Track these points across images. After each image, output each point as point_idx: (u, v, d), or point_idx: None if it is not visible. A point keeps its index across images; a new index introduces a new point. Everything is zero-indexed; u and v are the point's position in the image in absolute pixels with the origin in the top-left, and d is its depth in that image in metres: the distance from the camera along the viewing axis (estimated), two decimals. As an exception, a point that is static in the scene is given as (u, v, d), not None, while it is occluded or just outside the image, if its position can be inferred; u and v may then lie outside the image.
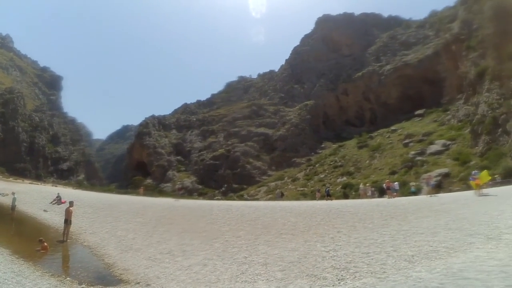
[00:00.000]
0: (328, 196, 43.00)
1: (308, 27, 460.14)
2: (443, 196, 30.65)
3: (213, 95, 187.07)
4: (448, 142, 75.94)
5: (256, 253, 13.54)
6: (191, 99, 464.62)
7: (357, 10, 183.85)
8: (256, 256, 13.06)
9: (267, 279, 10.46)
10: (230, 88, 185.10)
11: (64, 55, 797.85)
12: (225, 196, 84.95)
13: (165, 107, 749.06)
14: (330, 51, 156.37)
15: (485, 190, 23.99)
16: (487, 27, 70.50)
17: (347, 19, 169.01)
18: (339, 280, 9.87)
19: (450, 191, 44.94)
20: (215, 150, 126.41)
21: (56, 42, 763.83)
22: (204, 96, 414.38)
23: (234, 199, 58.22)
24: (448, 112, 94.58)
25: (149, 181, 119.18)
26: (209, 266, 12.40)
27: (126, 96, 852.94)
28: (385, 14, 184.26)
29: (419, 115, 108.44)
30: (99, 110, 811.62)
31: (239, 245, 15.40)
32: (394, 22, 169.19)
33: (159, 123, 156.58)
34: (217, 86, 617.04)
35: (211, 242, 16.39)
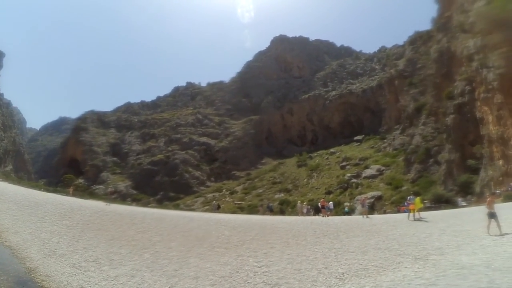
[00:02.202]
0: (270, 211, 43.64)
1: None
2: (375, 217, 31.88)
3: (158, 98, 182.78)
4: (383, 168, 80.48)
5: (187, 266, 13.15)
6: (135, 99, 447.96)
7: (314, 36, 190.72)
8: (187, 269, 12.67)
9: (197, 293, 10.20)
10: (177, 92, 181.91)
11: (9, 32, 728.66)
12: (160, 204, 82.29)
13: (107, 103, 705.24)
14: (281, 71, 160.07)
15: (420, 214, 25.22)
16: (430, 67, 76.06)
17: (302, 42, 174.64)
18: (270, 295, 9.85)
19: (384, 212, 47.43)
20: (154, 155, 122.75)
21: (4, 16, 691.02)
22: (149, 97, 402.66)
23: (169, 208, 56.62)
24: (385, 140, 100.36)
25: (81, 180, 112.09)
26: (137, 278, 11.82)
27: (68, 85, 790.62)
28: (338, 43, 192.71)
29: (357, 141, 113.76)
30: (37, 96, 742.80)
31: (170, 256, 14.88)
32: (345, 52, 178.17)
33: (99, 119, 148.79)
34: (164, 89, 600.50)
35: (141, 252, 15.70)
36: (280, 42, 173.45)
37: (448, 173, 55.89)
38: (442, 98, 64.44)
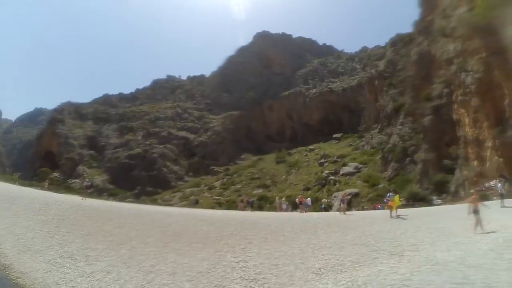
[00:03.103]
0: (251, 206, 43.76)
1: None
2: (353, 213, 32.33)
3: (137, 90, 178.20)
4: (360, 166, 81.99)
5: (164, 262, 12.96)
6: (113, 90, 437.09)
7: (297, 33, 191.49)
8: (164, 265, 12.49)
9: (174, 289, 10.06)
10: (157, 85, 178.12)
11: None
12: (138, 199, 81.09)
13: (85, 95, 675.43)
14: (263, 67, 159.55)
15: (399, 212, 25.61)
16: (409, 69, 77.65)
17: (284, 39, 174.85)
18: (247, 291, 9.81)
19: (363, 208, 48.28)
20: (132, 148, 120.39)
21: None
22: (128, 89, 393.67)
23: (146, 203, 55.94)
24: (363, 139, 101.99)
25: (56, 174, 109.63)
26: (113, 274, 11.58)
27: (45, 75, 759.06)
28: (321, 42, 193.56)
29: (336, 138, 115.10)
30: (12, 86, 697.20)
31: (147, 252, 14.63)
32: (327, 51, 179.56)
33: (76, 111, 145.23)
34: (143, 82, 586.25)
35: (117, 248, 15.38)
36: (263, 38, 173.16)
37: (424, 172, 57.27)
38: (420, 99, 65.89)
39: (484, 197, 34.00)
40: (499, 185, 29.49)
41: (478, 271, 9.59)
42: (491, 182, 36.75)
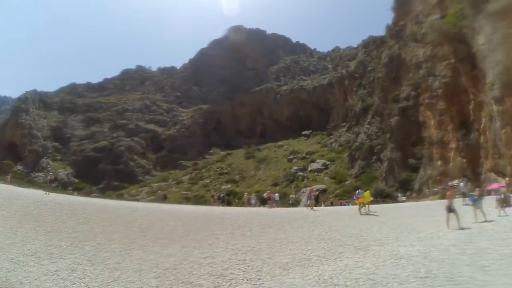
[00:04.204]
0: (222, 202, 43.58)
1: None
2: (320, 209, 32.78)
3: (106, 80, 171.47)
4: (328, 162, 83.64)
5: (130, 259, 12.59)
6: (81, 79, 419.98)
7: (270, 29, 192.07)
8: (130, 262, 12.14)
9: (141, 286, 9.79)
10: (126, 76, 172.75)
11: None
12: (103, 193, 78.98)
13: (51, 83, 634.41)
14: (235, 61, 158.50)
15: (368, 208, 26.08)
16: (379, 71, 79.70)
17: (258, 34, 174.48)
18: (215, 287, 9.76)
19: (331, 204, 49.14)
20: (98, 141, 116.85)
21: None
22: (96, 78, 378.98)
23: (112, 198, 54.68)
24: (331, 136, 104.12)
25: (19, 167, 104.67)
26: (78, 272, 11.15)
27: (10, 61, 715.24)
28: (294, 39, 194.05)
29: (305, 135, 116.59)
30: None
31: (112, 249, 14.17)
32: (300, 49, 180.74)
33: (41, 100, 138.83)
34: (112, 71, 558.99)
35: (82, 245, 14.85)
36: (237, 32, 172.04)
37: (389, 170, 59.12)
38: (388, 100, 67.99)
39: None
40: (461, 184, 30.61)
41: (441, 266, 9.87)
42: (454, 181, 38.23)
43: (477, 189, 17.30)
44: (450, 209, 16.72)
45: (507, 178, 30.99)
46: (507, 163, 34.39)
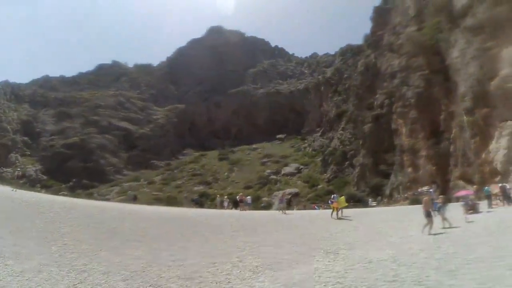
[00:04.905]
0: (196, 204, 43.41)
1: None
2: (292, 213, 32.98)
3: (80, 74, 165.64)
4: (301, 166, 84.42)
5: (97, 260, 12.27)
6: (55, 72, 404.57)
7: (250, 32, 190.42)
8: (97, 264, 11.82)
9: (108, 289, 9.53)
10: (101, 71, 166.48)
11: None
12: (72, 192, 76.62)
13: (23, 74, 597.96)
14: (214, 62, 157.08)
15: (342, 213, 26.32)
16: (355, 78, 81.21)
17: (237, 36, 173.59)
18: (183, 290, 9.58)
19: (304, 208, 49.61)
20: (69, 137, 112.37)
21: None
22: (70, 72, 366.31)
23: (81, 197, 53.32)
24: (306, 141, 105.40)
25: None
26: (44, 273, 10.76)
27: None
28: (273, 43, 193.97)
29: (280, 139, 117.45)
30: None
31: (80, 250, 13.76)
32: (279, 53, 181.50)
33: (12, 92, 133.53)
34: (87, 65, 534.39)
35: (49, 245, 14.44)
36: (216, 33, 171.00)
37: (361, 176, 60.24)
38: (362, 107, 69.36)
39: (417, 201, 36.61)
40: (431, 190, 31.47)
41: (409, 270, 10.04)
42: (423, 188, 39.30)
43: (440, 196, 17.70)
44: (428, 214, 17.05)
45: (475, 186, 32.12)
46: (476, 171, 35.58)
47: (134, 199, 53.01)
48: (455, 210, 21.68)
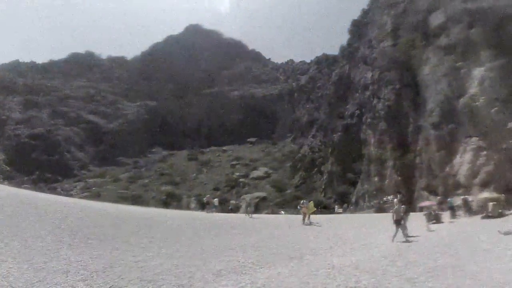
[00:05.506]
0: (164, 204, 43.15)
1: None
2: (259, 216, 33.06)
3: (51, 61, 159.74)
4: (270, 171, 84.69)
5: (57, 259, 11.78)
6: (26, 56, 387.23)
7: (228, 33, 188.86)
8: (57, 262, 11.37)
9: (67, 289, 9.17)
10: (74, 60, 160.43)
11: None
12: (35, 185, 73.80)
13: None
14: (190, 61, 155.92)
15: (309, 219, 26.55)
16: (328, 88, 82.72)
17: (215, 37, 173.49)
18: (144, 292, 9.40)
19: (272, 212, 50.02)
20: (35, 127, 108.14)
21: None
22: (42, 58, 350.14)
23: (44, 191, 51.58)
24: (276, 146, 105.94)
25: None
26: (2, 270, 10.32)
27: None
28: (250, 46, 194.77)
29: (250, 142, 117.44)
30: None
31: (39, 247, 13.16)
32: (255, 57, 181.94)
33: None
34: (60, 52, 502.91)
35: (7, 240, 13.85)
36: (194, 31, 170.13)
37: (329, 183, 61.42)
38: (333, 116, 70.94)
39: (382, 209, 37.97)
40: (395, 200, 32.36)
41: (371, 276, 10.29)
42: (388, 197, 40.52)
43: (402, 207, 18.19)
44: (398, 223, 17.43)
45: (438, 197, 33.80)
46: (440, 183, 37.05)
47: (98, 197, 51.63)
48: (418, 219, 22.39)
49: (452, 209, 27.75)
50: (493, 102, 34.68)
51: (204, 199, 43.62)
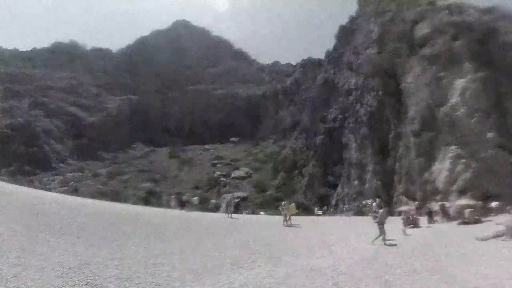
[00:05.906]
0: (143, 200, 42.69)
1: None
2: (239, 216, 33.14)
3: (34, 50, 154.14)
4: (251, 171, 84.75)
5: (33, 254, 11.56)
6: (8, 43, 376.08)
7: (217, 31, 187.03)
8: (32, 258, 11.15)
9: (42, 286, 9.00)
10: (57, 49, 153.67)
11: None
12: (12, 177, 71.56)
13: None
14: (175, 56, 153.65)
15: (290, 220, 26.67)
16: (312, 91, 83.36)
17: (202, 34, 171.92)
18: (121, 290, 9.33)
19: (253, 212, 50.20)
20: (14, 117, 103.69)
21: None
22: (25, 45, 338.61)
23: (21, 184, 50.24)
24: (258, 146, 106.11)
25: None
26: (-24, 264, 10.08)
27: None
28: (237, 46, 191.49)
29: (233, 142, 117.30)
30: None
31: (14, 241, 12.97)
32: (241, 56, 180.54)
33: None
34: (43, 39, 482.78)
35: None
36: (181, 26, 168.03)
37: (309, 185, 62.01)
38: (316, 120, 71.55)
39: (361, 212, 38.64)
40: (374, 204, 33.09)
41: (348, 278, 10.47)
42: (368, 201, 41.23)
43: (380, 210, 18.53)
44: (381, 225, 17.67)
45: (416, 202, 34.58)
46: (418, 189, 37.91)
47: (76, 191, 50.52)
48: (396, 223, 22.80)
49: (430, 215, 28.35)
50: (473, 113, 35.72)
51: (184, 197, 43.39)
